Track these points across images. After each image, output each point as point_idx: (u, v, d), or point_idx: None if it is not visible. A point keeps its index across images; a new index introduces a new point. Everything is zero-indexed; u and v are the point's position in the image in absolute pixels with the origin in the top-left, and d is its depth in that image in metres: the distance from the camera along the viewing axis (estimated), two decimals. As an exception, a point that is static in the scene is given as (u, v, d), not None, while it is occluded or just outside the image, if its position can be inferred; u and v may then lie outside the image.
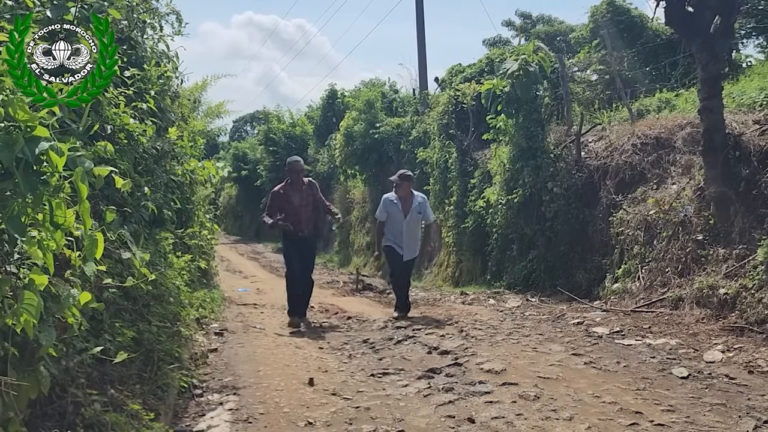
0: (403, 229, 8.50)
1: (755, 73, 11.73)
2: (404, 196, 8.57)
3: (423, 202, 8.69)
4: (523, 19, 27.62)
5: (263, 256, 24.19)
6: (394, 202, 8.58)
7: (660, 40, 15.01)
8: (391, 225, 8.63)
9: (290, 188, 8.17)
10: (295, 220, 8.07)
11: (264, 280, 15.36)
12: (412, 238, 8.60)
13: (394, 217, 8.58)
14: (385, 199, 8.73)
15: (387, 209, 8.63)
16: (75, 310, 2.76)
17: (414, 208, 8.54)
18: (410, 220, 8.55)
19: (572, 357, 5.92)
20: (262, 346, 6.76)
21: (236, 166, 33.12)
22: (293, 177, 8.20)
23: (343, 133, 19.58)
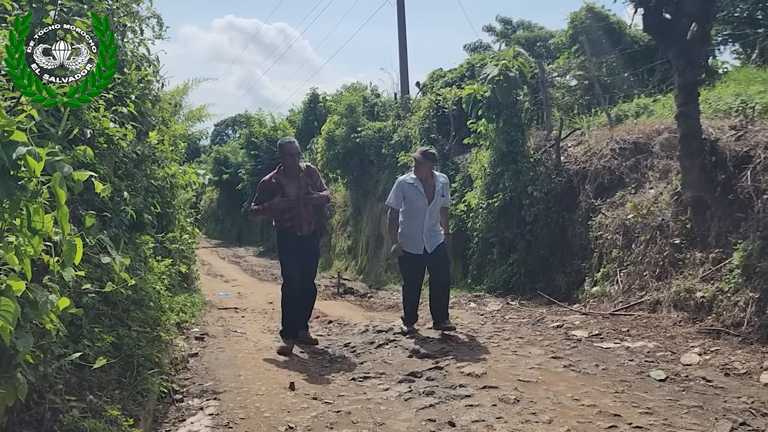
0: (425, 218, 7.00)
1: (731, 79, 11.89)
2: (425, 178, 7.05)
3: (446, 184, 7.25)
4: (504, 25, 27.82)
5: (244, 260, 24.11)
6: (414, 185, 7.03)
7: (638, 47, 15.18)
8: (409, 214, 7.06)
9: (284, 176, 6.66)
10: (292, 215, 6.69)
11: (245, 284, 15.31)
12: (434, 225, 7.14)
13: (414, 204, 7.03)
14: (400, 183, 7.15)
15: (405, 194, 7.06)
16: (53, 316, 2.75)
17: (438, 191, 7.05)
18: (434, 207, 7.07)
19: (552, 360, 5.97)
20: (243, 351, 6.74)
21: (217, 170, 32.99)
22: (287, 162, 6.63)
23: (324, 137, 19.57)
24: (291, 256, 6.80)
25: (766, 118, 7.95)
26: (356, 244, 19.59)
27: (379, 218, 18.17)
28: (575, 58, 15.58)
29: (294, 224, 6.73)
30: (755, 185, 6.99)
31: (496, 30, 27.97)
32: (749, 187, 7.02)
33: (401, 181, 7.17)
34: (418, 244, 7.06)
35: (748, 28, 17.99)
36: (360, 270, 18.49)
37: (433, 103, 14.67)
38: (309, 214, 6.81)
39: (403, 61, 20.22)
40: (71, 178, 2.56)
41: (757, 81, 10.62)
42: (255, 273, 18.85)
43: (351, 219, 20.31)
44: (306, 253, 6.86)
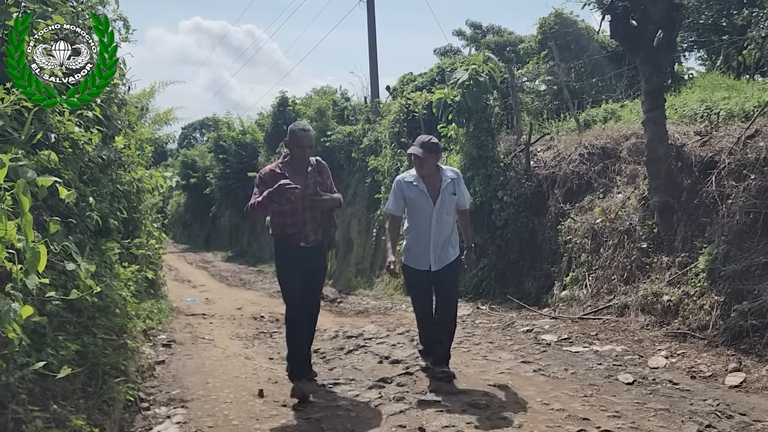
0: (431, 224, 5.48)
1: (696, 85, 12.11)
2: (429, 174, 5.55)
3: (457, 179, 5.63)
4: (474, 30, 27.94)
5: (212, 265, 23.89)
6: (414, 184, 5.53)
7: (606, 53, 15.37)
8: (412, 219, 5.62)
9: (290, 169, 5.22)
10: (295, 220, 5.25)
11: (213, 290, 15.17)
12: (445, 234, 5.55)
13: (417, 207, 5.54)
14: (398, 182, 5.63)
15: (405, 195, 5.58)
16: (15, 325, 2.68)
17: (445, 188, 5.50)
18: (442, 208, 5.49)
19: (521, 365, 5.99)
20: (211, 358, 6.66)
21: (185, 174, 32.68)
22: (297, 154, 5.24)
23: (294, 141, 19.45)
24: (293, 273, 5.30)
25: (730, 124, 8.10)
26: (326, 249, 19.46)
27: (349, 222, 18.12)
28: (544, 63, 15.71)
29: (297, 232, 5.26)
30: (720, 190, 7.10)
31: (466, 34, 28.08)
32: (714, 192, 7.14)
33: (399, 180, 5.64)
34: (423, 258, 5.54)
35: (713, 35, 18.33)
36: (329, 275, 18.39)
37: (404, 107, 14.70)
38: (316, 220, 5.32)
39: (373, 65, 20.24)
40: (35, 183, 2.50)
41: (721, 87, 10.83)
42: (223, 278, 18.68)
43: (321, 223, 20.18)
44: (311, 270, 5.37)
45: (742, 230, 6.67)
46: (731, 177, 7.11)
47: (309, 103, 21.58)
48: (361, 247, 17.01)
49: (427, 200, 5.51)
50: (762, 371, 5.36)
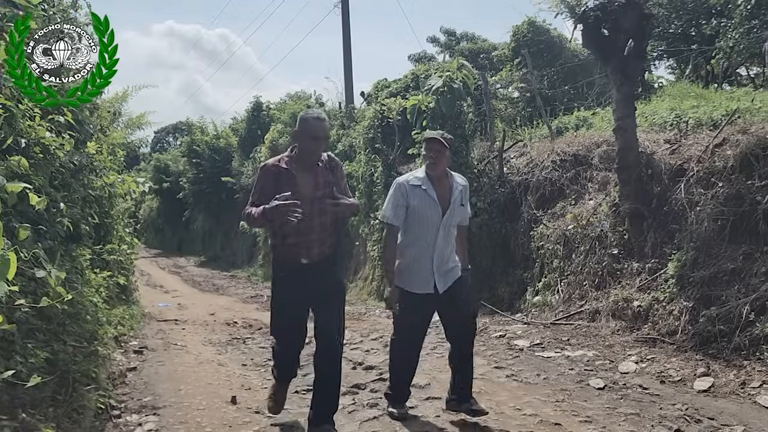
0: (437, 240, 4.53)
1: (666, 94, 12.31)
2: (439, 176, 4.59)
3: (466, 188, 4.75)
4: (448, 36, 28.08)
5: (185, 270, 23.69)
6: (423, 188, 4.52)
7: (578, 61, 15.57)
8: (414, 232, 4.56)
9: (298, 165, 4.21)
10: (299, 229, 4.11)
11: (186, 295, 15.03)
12: (448, 250, 4.62)
13: (421, 217, 4.52)
14: (400, 185, 4.58)
15: (409, 203, 4.53)
16: (-16, 333, 2.64)
17: (456, 198, 4.59)
18: (451, 221, 4.58)
19: (494, 370, 6.03)
20: (184, 364, 6.60)
21: (158, 178, 32.38)
22: (309, 147, 4.18)
23: (268, 146, 19.42)
24: (288, 297, 4.27)
25: (699, 132, 8.24)
26: (300, 254, 19.40)
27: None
28: (517, 71, 15.86)
29: (299, 242, 4.17)
30: (688, 197, 7.22)
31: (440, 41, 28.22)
32: (683, 199, 7.26)
33: (401, 183, 4.57)
34: (426, 278, 4.53)
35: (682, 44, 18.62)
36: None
37: (378, 113, 14.71)
38: (325, 230, 4.23)
39: (347, 71, 20.27)
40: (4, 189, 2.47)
41: (690, 96, 11.02)
42: (196, 283, 18.51)
43: (295, 228, 20.13)
44: (318, 294, 4.24)
45: (710, 237, 6.79)
46: (699, 184, 7.23)
47: (283, 108, 21.53)
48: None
49: (436, 210, 4.46)
50: (729, 376, 5.45)
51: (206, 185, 26.47)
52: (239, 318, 10.24)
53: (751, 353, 5.65)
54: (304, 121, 4.22)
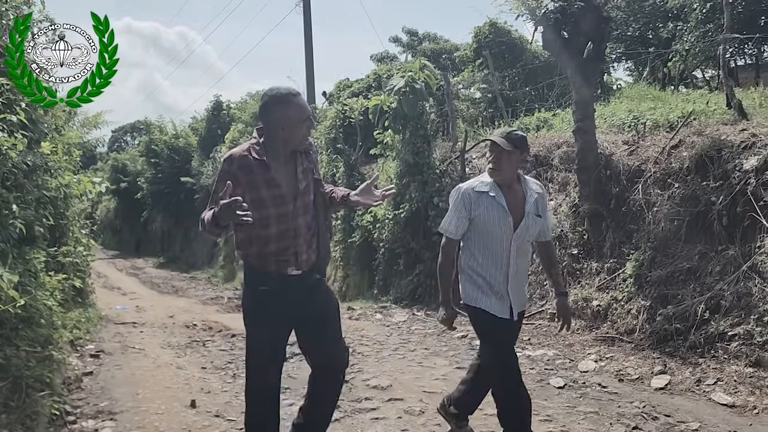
0: (510, 257, 3.76)
1: (624, 95, 12.51)
2: (509, 182, 3.77)
3: (542, 196, 3.92)
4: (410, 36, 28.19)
5: (143, 272, 23.33)
6: (491, 195, 3.73)
7: (538, 62, 15.72)
8: (483, 247, 3.79)
9: (272, 156, 3.31)
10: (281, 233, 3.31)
11: (144, 297, 14.78)
12: (523, 271, 3.94)
13: (489, 230, 3.74)
14: (465, 192, 3.80)
15: (473, 212, 3.76)
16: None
17: (531, 208, 3.77)
18: (525, 235, 3.79)
19: (456, 371, 6.04)
20: (142, 368, 6.48)
21: (115, 178, 31.89)
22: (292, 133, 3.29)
23: (228, 146, 19.22)
24: (272, 321, 3.38)
25: (656, 133, 8.37)
26: (261, 255, 19.28)
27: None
28: (479, 72, 15.96)
29: (284, 249, 3.32)
30: (646, 198, 7.33)
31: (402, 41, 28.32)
32: (640, 200, 7.37)
33: (465, 190, 3.79)
34: (500, 302, 3.77)
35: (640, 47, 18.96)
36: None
37: (340, 113, 14.69)
38: (310, 230, 3.41)
39: (309, 70, 20.20)
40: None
41: (647, 98, 11.21)
42: (155, 285, 18.24)
43: (256, 229, 20.00)
44: (310, 312, 3.44)
45: (667, 237, 6.90)
46: (656, 185, 7.35)
47: (244, 108, 21.35)
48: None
49: (506, 221, 3.67)
50: (685, 373, 5.55)
51: (165, 185, 26.12)
52: (199, 320, 10.10)
53: (706, 351, 5.76)
54: (281, 101, 3.26)
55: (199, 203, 24.65)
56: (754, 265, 5.84)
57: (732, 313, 5.79)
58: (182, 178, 24.66)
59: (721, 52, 8.83)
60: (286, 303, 3.35)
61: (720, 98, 9.05)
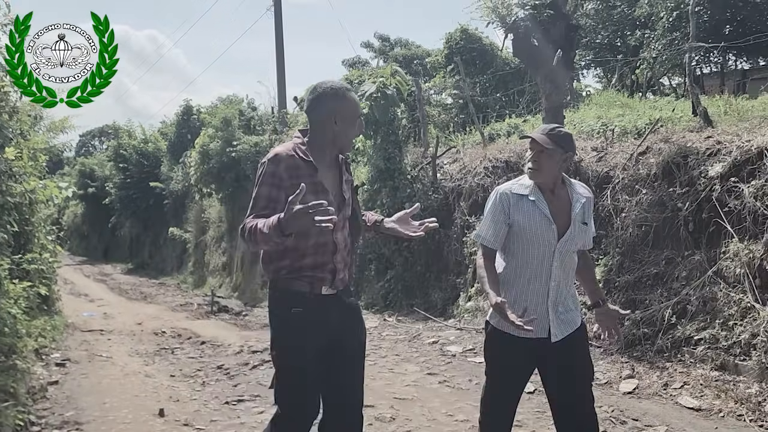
0: (552, 269, 3.22)
1: (593, 102, 12.66)
2: (552, 185, 3.28)
3: (589, 202, 3.39)
4: (382, 42, 28.28)
5: (111, 278, 23.02)
6: (531, 199, 3.23)
7: (509, 69, 15.87)
8: (521, 258, 3.26)
9: (318, 159, 2.96)
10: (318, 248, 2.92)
11: (112, 304, 14.58)
12: (566, 284, 3.31)
13: (529, 238, 3.22)
14: (503, 195, 3.28)
15: (512, 217, 3.23)
16: None
17: (577, 214, 3.27)
18: (569, 245, 3.26)
19: (427, 377, 6.04)
20: (109, 376, 6.40)
21: (82, 183, 31.46)
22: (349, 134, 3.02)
23: (198, 151, 19.06)
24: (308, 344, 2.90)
25: (624, 140, 8.48)
26: (231, 261, 19.16)
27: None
28: (451, 78, 16.05)
29: (320, 265, 2.93)
30: (614, 204, 7.41)
31: (374, 46, 28.39)
32: (609, 206, 7.44)
33: (503, 192, 3.27)
34: (539, 319, 3.14)
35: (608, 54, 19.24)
36: (235, 287, 18.10)
37: (311, 118, 14.64)
38: (347, 248, 3.06)
39: (280, 75, 20.09)
40: None
41: (616, 105, 11.37)
42: (123, 291, 18.00)
43: (226, 235, 19.87)
44: (348, 344, 3.04)
45: (635, 242, 6.98)
46: (625, 191, 7.43)
47: (214, 113, 21.14)
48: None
49: (549, 229, 3.18)
50: (653, 377, 5.61)
51: (134, 190, 25.84)
52: (168, 327, 10.00)
53: (673, 355, 5.83)
54: (336, 95, 2.94)
55: (169, 208, 24.44)
56: (719, 270, 5.93)
57: (698, 317, 5.87)
58: (151, 183, 24.42)
59: (687, 60, 8.98)
60: (327, 327, 2.91)
61: (686, 105, 9.20)
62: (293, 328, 2.89)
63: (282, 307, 2.95)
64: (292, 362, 2.91)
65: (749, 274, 5.55)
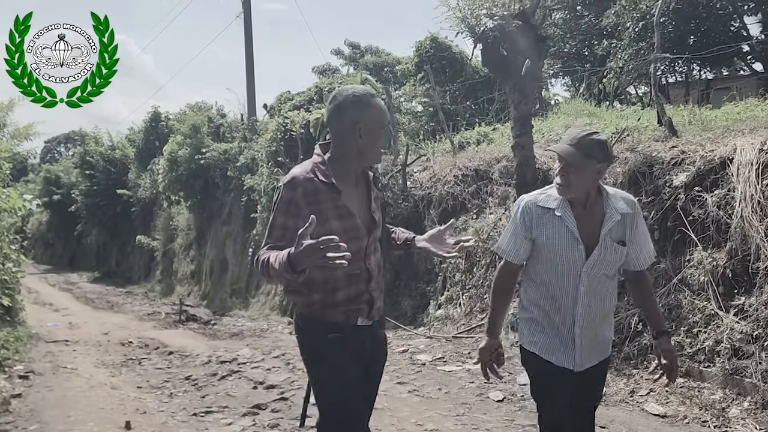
0: (578, 292, 2.84)
1: (562, 111, 12.80)
2: (584, 199, 2.88)
3: (633, 215, 2.90)
4: (352, 49, 28.35)
5: (77, 287, 22.67)
6: (557, 215, 2.86)
7: (479, 77, 15.98)
8: (543, 279, 2.92)
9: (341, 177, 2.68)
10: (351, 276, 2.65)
11: (77, 313, 14.36)
12: (601, 311, 2.93)
13: (553, 257, 2.87)
14: (526, 208, 2.94)
15: (535, 232, 2.90)
16: None
17: (609, 231, 2.83)
18: (599, 267, 2.85)
19: (397, 386, 6.03)
20: (74, 388, 6.30)
21: (48, 191, 31.05)
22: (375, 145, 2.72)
23: (166, 158, 18.91)
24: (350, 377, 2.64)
25: (591, 149, 8.56)
26: (200, 269, 19.01)
27: (224, 242, 17.72)
28: (421, 85, 16.11)
29: (356, 297, 2.69)
30: (582, 212, 7.48)
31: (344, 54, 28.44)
32: (577, 214, 7.51)
33: (527, 204, 2.95)
34: (563, 348, 2.90)
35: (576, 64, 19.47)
36: (204, 295, 17.95)
37: (281, 125, 14.58)
38: (380, 273, 2.84)
39: (250, 82, 20.02)
40: None
41: (583, 113, 11.50)
42: (89, 300, 17.73)
43: (194, 243, 19.72)
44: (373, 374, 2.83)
45: (603, 250, 7.05)
46: (592, 200, 7.51)
47: (183, 119, 21.02)
48: (236, 267, 16.70)
49: (576, 249, 2.82)
50: (620, 384, 5.66)
51: (101, 198, 25.56)
52: (135, 337, 9.86)
53: (639, 362, 5.89)
54: (360, 102, 2.64)
55: (136, 216, 24.16)
56: (684, 278, 6.01)
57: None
58: (118, 191, 24.19)
59: (653, 70, 9.12)
60: (363, 356, 2.68)
61: (652, 115, 9.33)
62: (334, 351, 2.60)
63: (316, 337, 2.63)
64: (339, 396, 2.60)
65: (713, 282, 5.64)
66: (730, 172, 5.89)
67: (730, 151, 6.04)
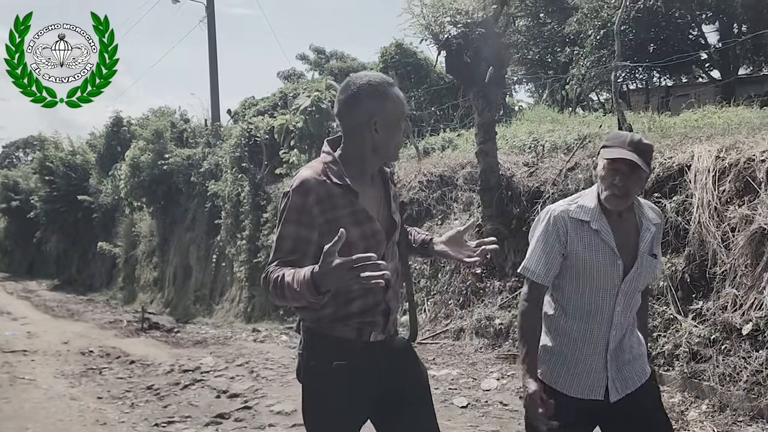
0: (614, 311, 2.50)
1: (525, 117, 12.92)
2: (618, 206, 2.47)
3: (659, 229, 2.62)
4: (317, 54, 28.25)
5: (36, 295, 22.18)
6: (593, 228, 2.48)
7: (444, 84, 16.06)
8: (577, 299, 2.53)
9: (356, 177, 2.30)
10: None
11: (36, 322, 14.02)
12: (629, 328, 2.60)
13: (590, 275, 2.49)
14: (556, 220, 2.52)
15: (568, 248, 2.50)
16: None
17: (646, 247, 2.53)
18: (635, 284, 2.54)
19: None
20: (32, 400, 6.15)
21: (5, 197, 30.45)
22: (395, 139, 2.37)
23: (128, 164, 18.65)
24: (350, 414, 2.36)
25: (554, 155, 8.66)
26: (163, 276, 18.77)
27: (188, 248, 17.53)
28: (385, 92, 16.12)
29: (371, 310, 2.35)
30: (545, 218, 7.56)
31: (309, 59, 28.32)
32: (540, 220, 7.58)
33: (559, 215, 2.55)
34: (592, 377, 2.54)
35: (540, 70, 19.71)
36: (167, 303, 17.72)
37: (245, 131, 14.50)
38: (398, 281, 2.53)
39: (214, 87, 19.90)
40: None
41: (547, 120, 11.63)
42: (48, 309, 17.35)
43: (157, 249, 19.46)
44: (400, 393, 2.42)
45: (565, 256, 7.12)
46: (555, 206, 7.58)
47: (145, 124, 20.78)
48: (200, 273, 16.54)
49: (614, 265, 2.50)
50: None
51: (61, 204, 25.10)
52: (96, 346, 9.67)
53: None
54: (377, 93, 2.29)
55: (98, 222, 23.78)
56: (645, 282, 6.10)
57: (625, 329, 6.02)
58: (79, 197, 23.79)
59: (614, 77, 9.27)
60: (378, 377, 2.35)
61: (613, 121, 9.46)
62: (337, 386, 2.30)
63: (322, 361, 2.31)
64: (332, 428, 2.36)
65: (672, 287, 5.73)
66: (687, 178, 6.00)
67: (687, 158, 6.14)
